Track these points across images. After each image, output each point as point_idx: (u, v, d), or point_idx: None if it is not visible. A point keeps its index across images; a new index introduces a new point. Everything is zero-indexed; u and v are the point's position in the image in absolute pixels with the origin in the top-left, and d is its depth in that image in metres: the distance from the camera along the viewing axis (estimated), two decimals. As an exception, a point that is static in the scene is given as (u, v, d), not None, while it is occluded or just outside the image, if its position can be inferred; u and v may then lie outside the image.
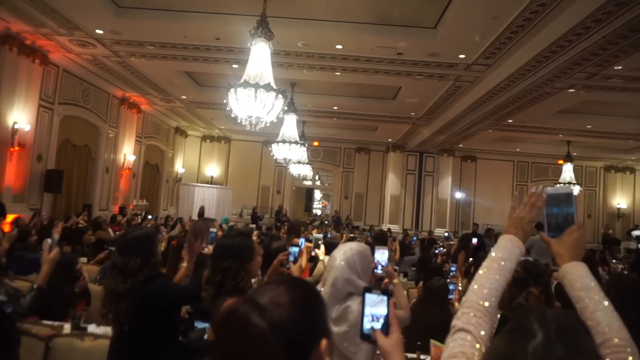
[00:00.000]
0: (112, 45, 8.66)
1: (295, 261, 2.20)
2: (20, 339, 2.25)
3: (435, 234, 14.21)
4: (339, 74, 9.37)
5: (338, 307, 1.84)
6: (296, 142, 9.86)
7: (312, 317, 0.82)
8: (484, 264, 1.15)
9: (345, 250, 1.97)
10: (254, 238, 3.71)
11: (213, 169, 17.97)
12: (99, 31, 7.98)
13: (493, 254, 1.15)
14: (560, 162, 14.97)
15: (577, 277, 1.11)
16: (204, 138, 18.19)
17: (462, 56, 7.89)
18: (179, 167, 17.54)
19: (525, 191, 17.46)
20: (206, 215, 12.97)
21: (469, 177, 18.22)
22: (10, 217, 7.62)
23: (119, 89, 11.97)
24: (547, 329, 0.69)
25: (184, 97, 12.49)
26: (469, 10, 6.32)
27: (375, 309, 1.05)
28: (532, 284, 2.24)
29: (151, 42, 8.42)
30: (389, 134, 15.72)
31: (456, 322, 1.00)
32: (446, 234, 13.94)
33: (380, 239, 5.78)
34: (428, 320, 3.13)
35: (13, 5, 7.00)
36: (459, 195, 17.86)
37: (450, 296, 3.69)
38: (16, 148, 8.48)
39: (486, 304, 1.03)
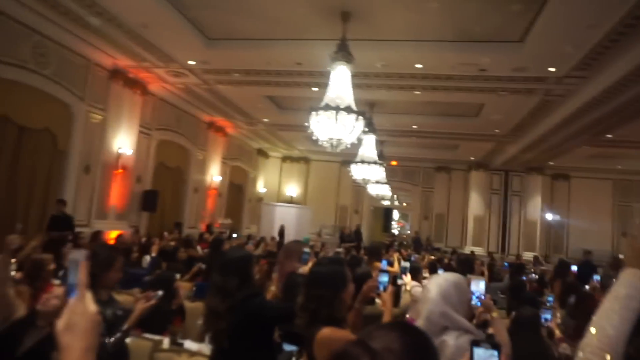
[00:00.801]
0: (202, 74, 9.33)
1: (384, 289, 2.16)
2: (129, 351, 2.43)
3: (523, 257, 13.28)
4: (418, 93, 9.24)
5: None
6: (375, 162, 9.82)
7: None
8: (605, 302, 1.04)
9: (440, 281, 1.89)
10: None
11: (292, 188, 18.43)
12: (191, 62, 8.65)
13: (615, 291, 1.05)
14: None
15: None
16: (284, 159, 18.79)
17: (552, 69, 7.43)
18: (260, 187, 18.21)
19: (630, 213, 15.72)
20: (285, 234, 13.31)
21: (561, 197, 16.87)
22: (114, 234, 8.38)
23: (207, 114, 12.80)
24: None
25: (266, 120, 13.03)
26: (561, 20, 5.95)
27: None
28: None
29: (237, 70, 8.94)
30: (471, 152, 15.12)
31: None
32: (536, 259, 12.98)
33: (466, 264, 5.44)
34: (519, 355, 2.91)
35: (119, 43, 7.85)
36: (550, 216, 16.60)
37: (545, 325, 3.41)
38: (120, 171, 9.38)
39: (611, 350, 0.93)
